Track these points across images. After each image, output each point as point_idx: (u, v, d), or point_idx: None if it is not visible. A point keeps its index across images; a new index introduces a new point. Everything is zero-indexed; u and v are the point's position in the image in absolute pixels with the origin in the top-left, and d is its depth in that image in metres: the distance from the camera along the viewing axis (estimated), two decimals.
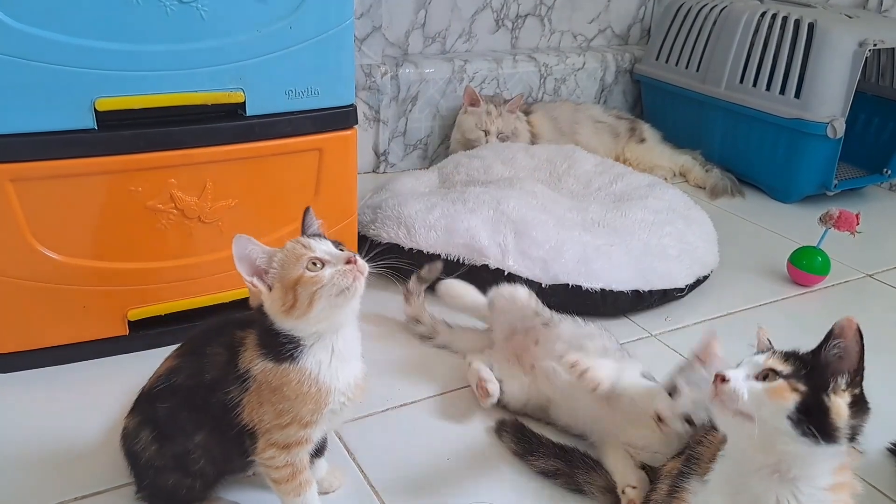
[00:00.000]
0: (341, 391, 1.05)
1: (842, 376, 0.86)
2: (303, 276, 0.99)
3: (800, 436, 0.83)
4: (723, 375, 0.89)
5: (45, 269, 1.43)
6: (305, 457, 1.10)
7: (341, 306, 1.02)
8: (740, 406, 0.87)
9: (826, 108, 2.42)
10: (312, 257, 1.01)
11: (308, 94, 1.52)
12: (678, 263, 1.89)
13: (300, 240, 1.04)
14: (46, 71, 1.29)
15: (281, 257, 1.02)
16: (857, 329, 0.86)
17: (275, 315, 1.01)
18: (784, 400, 0.84)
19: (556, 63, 2.92)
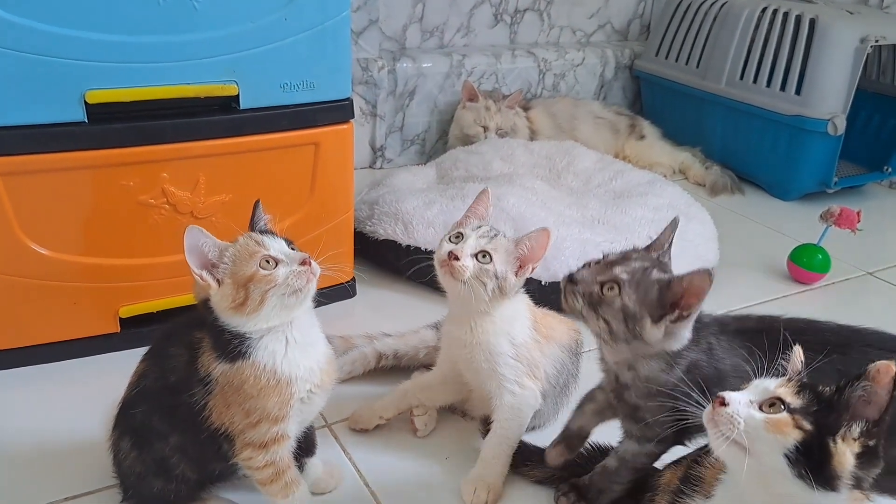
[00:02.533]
0: (304, 379, 1.04)
1: (857, 423, 0.78)
2: (256, 275, 0.98)
3: (795, 477, 0.77)
4: (722, 398, 0.82)
5: (34, 265, 1.41)
6: (286, 454, 1.07)
7: (292, 307, 1.01)
8: (735, 435, 0.79)
9: (827, 104, 2.40)
10: (266, 255, 0.99)
11: (304, 88, 1.50)
12: (678, 261, 1.85)
13: (252, 236, 1.03)
14: (35, 62, 1.27)
15: (233, 252, 1.00)
16: (893, 378, 0.76)
17: (222, 311, 1.00)
18: (783, 435, 0.78)
19: (556, 58, 2.90)
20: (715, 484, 0.92)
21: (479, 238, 1.18)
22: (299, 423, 1.09)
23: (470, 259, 1.15)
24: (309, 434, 1.18)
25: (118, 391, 1.14)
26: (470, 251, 1.16)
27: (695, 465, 0.99)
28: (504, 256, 1.17)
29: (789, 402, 0.80)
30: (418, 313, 1.67)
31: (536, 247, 1.19)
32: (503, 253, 1.17)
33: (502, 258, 1.17)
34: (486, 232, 1.19)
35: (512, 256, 1.18)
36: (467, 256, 1.15)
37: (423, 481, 1.27)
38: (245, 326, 1.00)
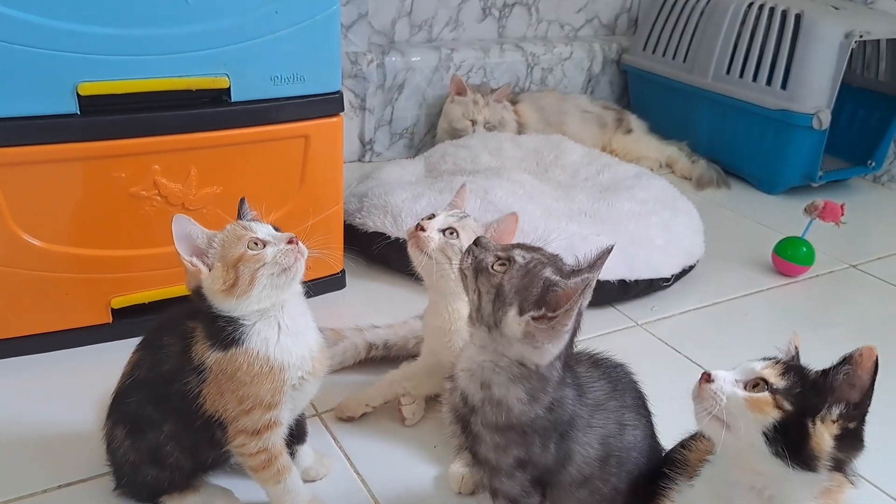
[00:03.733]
0: (297, 366, 1.06)
1: (837, 405, 0.80)
2: (245, 254, 1.00)
3: (771, 455, 0.80)
4: (708, 374, 0.85)
5: (26, 255, 1.41)
6: (279, 441, 1.09)
7: (282, 286, 1.03)
8: (717, 411, 0.82)
9: (812, 99, 2.43)
10: (254, 238, 1.02)
11: (294, 81, 1.51)
12: (664, 253, 1.89)
13: (240, 222, 1.06)
14: (28, 55, 1.27)
15: (222, 238, 1.03)
16: (874, 362, 0.78)
17: (214, 295, 1.01)
18: (763, 414, 0.80)
19: (544, 52, 2.91)
20: (699, 466, 0.94)
21: (447, 216, 1.25)
22: (292, 410, 1.11)
23: (437, 233, 1.21)
24: (300, 422, 1.19)
25: (111, 381, 1.15)
26: (437, 226, 1.22)
27: (681, 450, 1.01)
28: (471, 236, 1.19)
29: (773, 382, 0.83)
30: (407, 304, 1.69)
31: (505, 231, 1.22)
32: (470, 232, 1.21)
33: (469, 237, 1.19)
34: (456, 213, 1.26)
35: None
36: (434, 230, 1.22)
37: (412, 469, 1.29)
38: (237, 310, 1.02)
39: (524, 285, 0.89)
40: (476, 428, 0.95)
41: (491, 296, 0.90)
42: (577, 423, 0.95)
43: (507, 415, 0.92)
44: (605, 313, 1.79)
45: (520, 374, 0.92)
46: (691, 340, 1.69)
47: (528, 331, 0.88)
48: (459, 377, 0.97)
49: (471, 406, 0.95)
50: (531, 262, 0.90)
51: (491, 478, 0.96)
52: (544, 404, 0.93)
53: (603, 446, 0.98)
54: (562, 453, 0.95)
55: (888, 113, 2.64)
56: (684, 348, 1.65)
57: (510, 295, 0.89)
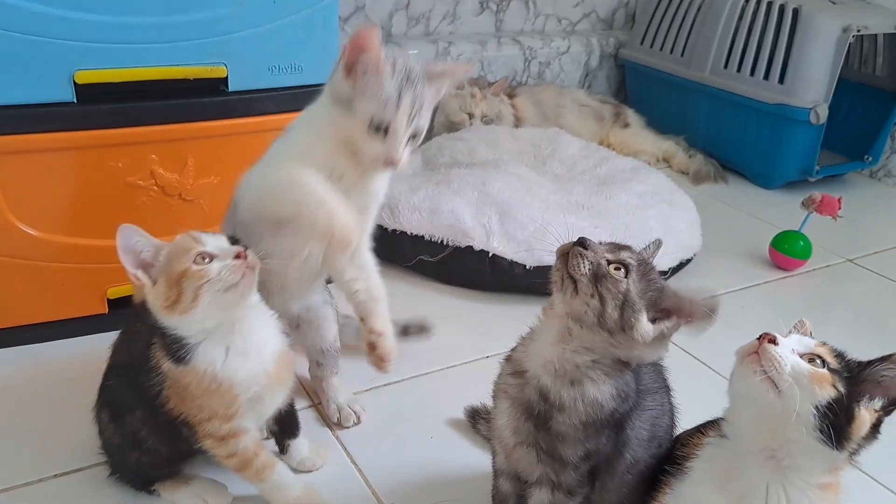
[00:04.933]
0: (247, 384, 1.02)
1: (878, 398, 0.82)
2: (189, 270, 0.95)
3: (816, 430, 0.80)
4: (773, 336, 0.84)
5: (23, 245, 1.41)
6: (249, 444, 1.07)
7: (229, 304, 0.98)
8: (777, 375, 0.81)
9: (809, 93, 2.43)
10: (202, 252, 0.97)
11: (292, 71, 1.51)
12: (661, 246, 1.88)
13: (192, 233, 1.00)
14: (24, 42, 1.27)
15: (169, 250, 0.98)
16: None
17: (157, 311, 0.97)
18: (821, 389, 0.80)
19: (541, 46, 2.91)
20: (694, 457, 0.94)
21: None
22: (256, 418, 1.08)
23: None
24: (290, 416, 1.18)
25: None
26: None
27: (680, 447, 1.01)
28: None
29: (829, 361, 0.84)
30: (403, 295, 1.69)
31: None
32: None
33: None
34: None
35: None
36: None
37: (409, 459, 1.29)
38: (181, 328, 0.98)
39: (643, 289, 0.90)
40: (560, 426, 0.93)
41: (618, 302, 0.89)
42: (635, 410, 0.97)
43: (599, 412, 0.93)
44: None
45: (615, 371, 0.93)
46: (687, 333, 1.69)
47: (659, 336, 0.90)
48: (540, 375, 0.95)
49: (557, 404, 0.93)
50: (641, 265, 0.92)
51: (560, 472, 0.96)
52: (620, 397, 0.94)
53: (652, 428, 1.00)
54: (622, 440, 0.96)
55: (885, 108, 2.64)
56: (680, 341, 1.64)
57: (638, 301, 0.89)
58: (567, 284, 0.91)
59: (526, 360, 0.97)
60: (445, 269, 1.84)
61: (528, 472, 0.99)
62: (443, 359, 1.54)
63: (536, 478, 0.98)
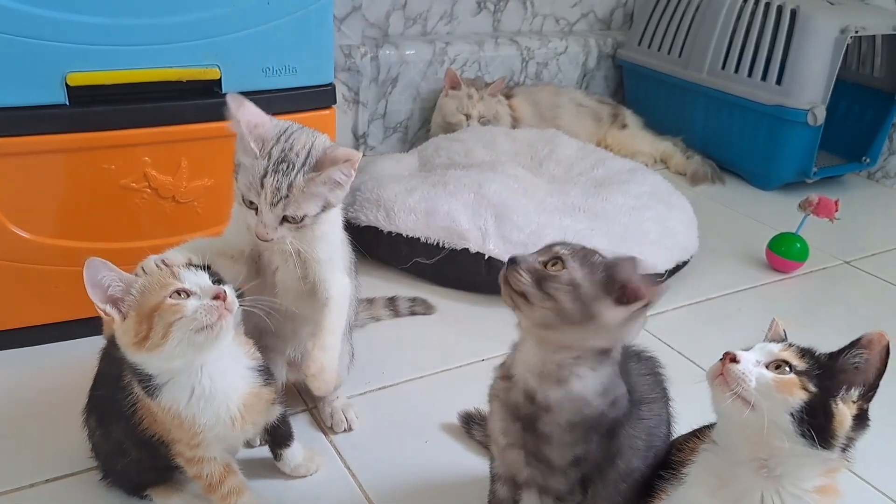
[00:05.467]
0: (211, 426, 1.00)
1: (855, 388, 0.82)
2: (162, 304, 0.91)
3: (797, 435, 0.80)
4: (734, 355, 0.85)
5: (15, 248, 1.40)
6: (216, 471, 1.05)
7: (201, 346, 0.93)
8: (745, 392, 0.82)
9: (807, 94, 2.42)
10: (179, 287, 0.92)
11: (286, 72, 1.50)
12: (658, 248, 1.88)
13: (171, 267, 0.96)
14: (16, 44, 1.26)
15: (143, 284, 0.94)
16: (886, 346, 0.81)
17: (125, 347, 0.93)
18: (791, 395, 0.81)
19: (539, 47, 2.90)
20: (690, 463, 0.94)
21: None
22: (224, 450, 1.07)
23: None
24: (280, 428, 1.16)
25: None
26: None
27: (676, 452, 1.01)
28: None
29: (795, 364, 0.84)
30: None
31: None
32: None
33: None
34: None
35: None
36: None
37: (402, 463, 1.28)
38: (148, 365, 0.95)
39: (589, 272, 0.90)
40: (547, 427, 0.93)
41: (568, 293, 0.88)
42: (628, 419, 0.96)
43: (584, 409, 0.92)
44: None
45: (599, 364, 0.92)
46: (684, 336, 1.69)
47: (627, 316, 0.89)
48: (526, 378, 0.94)
49: (542, 405, 0.93)
50: (576, 253, 0.92)
51: (547, 477, 0.96)
52: (609, 400, 0.93)
53: (648, 438, 1.00)
54: (614, 449, 0.96)
55: (883, 109, 2.64)
56: (677, 344, 1.65)
57: (588, 285, 0.89)
58: (519, 300, 0.91)
59: (513, 365, 0.98)
60: (441, 271, 1.84)
61: (517, 473, 0.99)
62: (438, 362, 1.54)
63: (524, 479, 0.98)
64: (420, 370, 1.52)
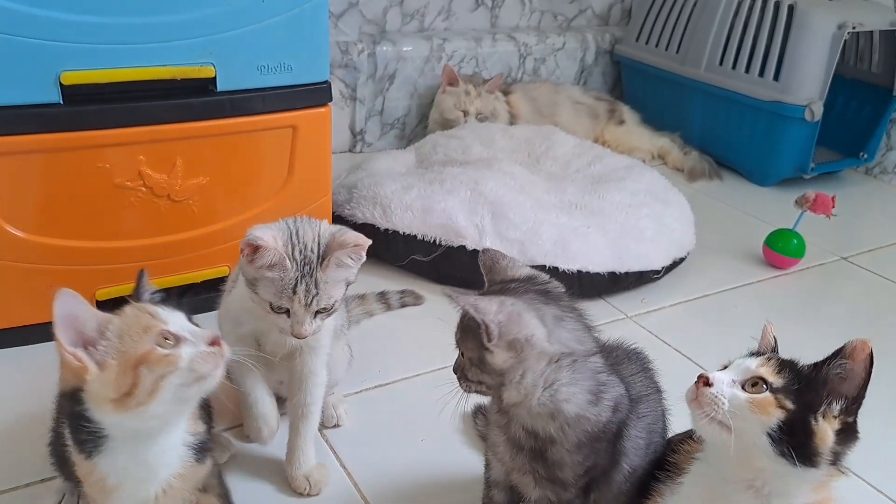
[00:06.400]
0: (128, 497, 0.87)
1: (837, 401, 0.80)
2: (151, 354, 0.78)
3: (777, 455, 0.78)
4: (706, 378, 0.83)
5: (9, 247, 1.40)
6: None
7: (187, 401, 0.82)
8: (719, 415, 0.80)
9: (804, 90, 2.42)
10: (164, 331, 0.80)
11: (281, 70, 1.49)
12: (655, 245, 1.88)
13: (144, 306, 0.84)
14: (9, 43, 1.26)
15: (119, 326, 0.80)
16: (869, 355, 0.78)
17: (99, 403, 0.79)
18: (766, 415, 0.79)
19: (536, 43, 2.90)
20: (685, 468, 0.94)
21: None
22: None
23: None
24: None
25: None
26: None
27: (671, 453, 1.01)
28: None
29: (771, 381, 0.81)
30: None
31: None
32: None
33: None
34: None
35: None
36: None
37: (398, 463, 1.28)
38: (116, 425, 0.80)
39: (473, 342, 0.91)
40: (556, 456, 0.93)
41: (478, 367, 0.92)
42: (629, 420, 0.96)
43: (587, 426, 0.91)
44: (595, 306, 1.78)
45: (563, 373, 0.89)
46: (681, 333, 1.69)
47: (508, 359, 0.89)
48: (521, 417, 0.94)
49: (547, 438, 0.92)
50: (463, 320, 0.94)
51: (560, 493, 0.95)
52: (610, 406, 0.92)
53: (648, 435, 1.00)
54: (619, 451, 0.96)
55: (881, 105, 2.63)
56: (674, 341, 1.65)
57: (474, 351, 0.92)
58: (470, 387, 0.96)
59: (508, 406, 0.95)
60: (438, 268, 1.83)
61: (527, 492, 0.99)
62: (434, 360, 1.54)
63: (536, 499, 0.98)
64: (416, 368, 1.52)
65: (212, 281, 1.55)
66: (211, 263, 1.56)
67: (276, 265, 1.05)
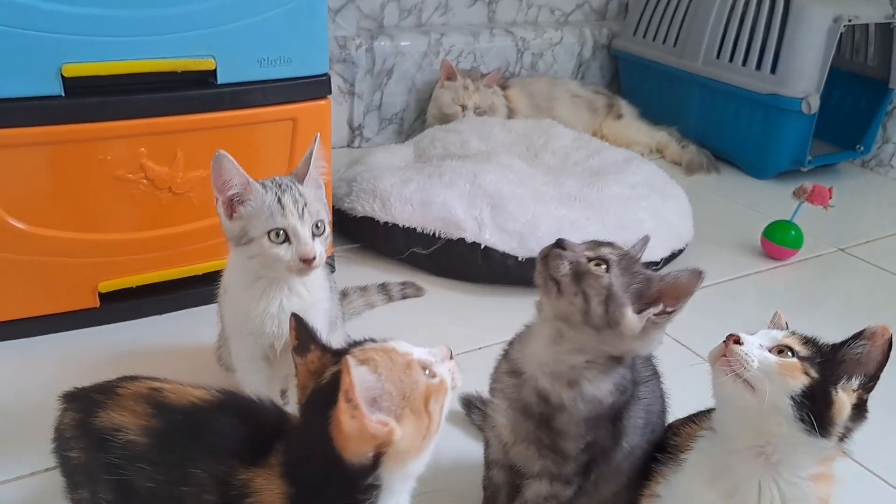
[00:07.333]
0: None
1: (856, 377, 0.83)
2: (430, 386, 0.77)
3: (796, 420, 0.80)
4: (737, 337, 0.85)
5: (12, 239, 1.40)
6: None
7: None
8: (747, 374, 0.82)
9: (801, 83, 2.43)
10: (419, 360, 0.78)
11: (281, 63, 1.50)
12: (653, 237, 1.87)
13: (380, 346, 0.80)
14: (11, 35, 1.26)
15: (387, 376, 0.75)
16: (888, 339, 0.82)
17: (404, 457, 0.77)
18: (793, 379, 0.81)
19: (534, 37, 2.90)
20: (687, 449, 0.95)
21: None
22: None
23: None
24: None
25: (98, 366, 1.14)
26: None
27: (672, 436, 1.02)
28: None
29: (798, 350, 0.84)
30: None
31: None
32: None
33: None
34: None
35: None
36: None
37: None
38: (404, 470, 0.78)
39: (628, 282, 0.90)
40: (562, 424, 0.94)
41: (601, 297, 0.89)
42: (631, 401, 0.98)
43: (599, 407, 0.94)
44: None
45: (609, 369, 0.93)
46: (680, 323, 1.68)
47: (647, 327, 0.90)
48: (537, 377, 0.95)
49: (557, 405, 0.94)
50: (623, 258, 0.92)
51: (561, 465, 0.97)
52: (619, 390, 0.95)
53: (646, 415, 1.01)
54: (619, 431, 0.97)
55: (877, 97, 2.64)
56: (673, 331, 1.64)
57: (622, 295, 0.90)
58: (550, 286, 0.92)
59: (522, 361, 0.98)
60: (438, 261, 1.84)
61: (528, 466, 1.00)
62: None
63: (537, 471, 0.99)
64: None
65: (213, 273, 1.55)
66: (212, 256, 1.56)
67: (247, 192, 1.08)
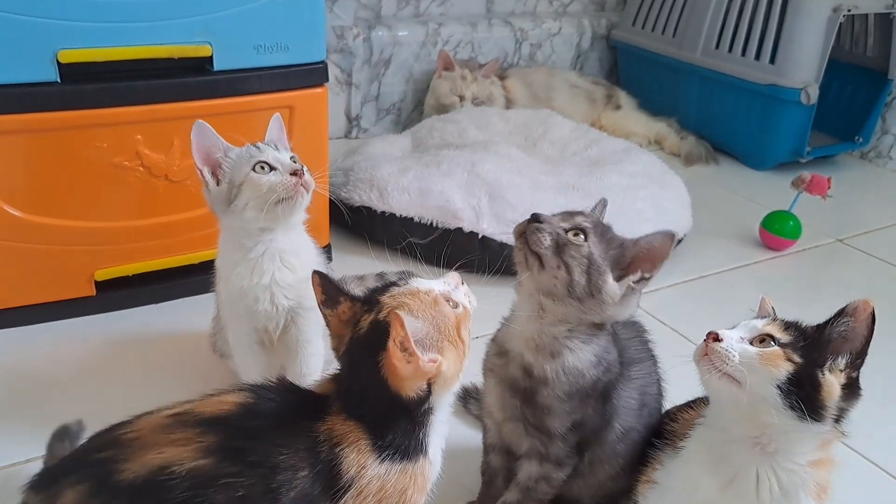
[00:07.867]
0: None
1: (842, 356, 0.82)
2: (462, 315, 0.88)
3: (785, 408, 0.80)
4: (716, 334, 0.85)
5: (7, 226, 1.40)
6: None
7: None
8: (729, 369, 0.82)
9: (800, 74, 2.42)
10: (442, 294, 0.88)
11: (278, 50, 1.49)
12: (652, 227, 1.86)
13: (407, 287, 0.90)
14: (6, 21, 1.26)
15: (428, 318, 0.85)
16: (871, 313, 0.82)
17: (450, 382, 0.85)
18: (776, 368, 0.81)
19: (532, 28, 2.89)
20: (686, 435, 0.94)
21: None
22: None
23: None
24: None
25: (94, 354, 1.14)
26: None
27: (669, 422, 1.02)
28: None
29: (779, 337, 0.84)
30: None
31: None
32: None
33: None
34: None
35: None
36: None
37: None
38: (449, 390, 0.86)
39: (605, 250, 0.92)
40: (546, 400, 0.95)
41: (583, 267, 0.91)
42: (620, 381, 0.99)
43: (581, 380, 0.94)
44: None
45: (591, 336, 0.94)
46: (678, 313, 1.69)
47: (626, 293, 0.92)
48: (522, 352, 0.97)
49: (540, 378, 0.95)
50: (596, 227, 0.94)
51: (548, 444, 0.97)
52: (603, 367, 0.95)
53: (641, 396, 1.02)
54: (609, 410, 0.98)
55: (876, 89, 2.64)
56: (671, 321, 1.66)
57: (602, 262, 0.91)
58: (532, 261, 0.93)
59: (507, 339, 0.99)
60: (435, 250, 1.83)
61: (517, 444, 1.01)
62: None
63: (525, 450, 1.00)
64: None
65: (209, 262, 1.54)
66: (209, 244, 1.55)
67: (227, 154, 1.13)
